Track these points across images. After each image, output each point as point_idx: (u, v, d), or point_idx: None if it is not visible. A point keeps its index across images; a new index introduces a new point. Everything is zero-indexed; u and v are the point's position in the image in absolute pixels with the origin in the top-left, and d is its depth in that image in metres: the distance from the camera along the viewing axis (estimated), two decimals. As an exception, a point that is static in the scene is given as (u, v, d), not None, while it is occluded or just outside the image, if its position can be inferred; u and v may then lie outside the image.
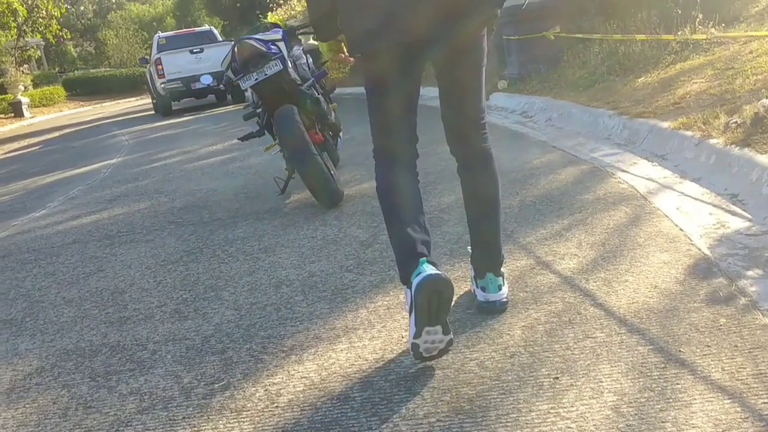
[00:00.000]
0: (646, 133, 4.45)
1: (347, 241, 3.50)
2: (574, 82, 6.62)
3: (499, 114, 6.96)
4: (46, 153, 11.92)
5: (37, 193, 6.98)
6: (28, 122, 24.80)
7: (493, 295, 2.38)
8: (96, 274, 3.66)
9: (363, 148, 6.10)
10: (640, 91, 5.46)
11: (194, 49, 15.48)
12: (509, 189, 4.00)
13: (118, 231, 4.58)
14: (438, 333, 1.99)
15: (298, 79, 4.57)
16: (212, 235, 4.05)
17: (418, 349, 1.99)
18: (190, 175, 6.41)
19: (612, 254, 2.74)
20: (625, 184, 3.71)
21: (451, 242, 3.21)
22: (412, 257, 2.09)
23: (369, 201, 4.26)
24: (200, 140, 9.38)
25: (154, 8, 42.95)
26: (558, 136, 5.29)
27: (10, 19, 25.27)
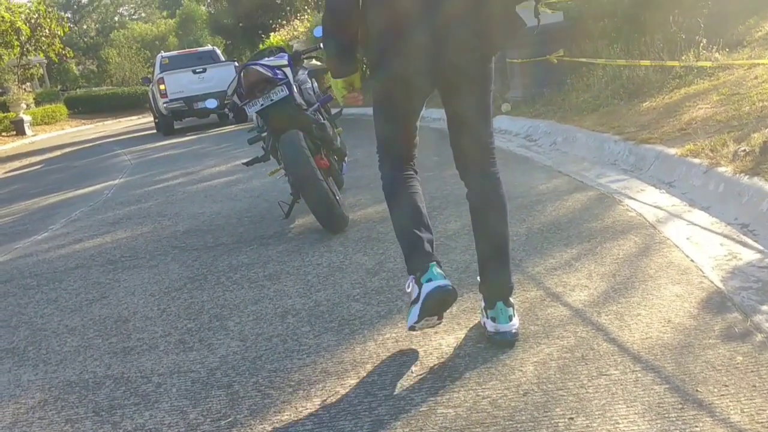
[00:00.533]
0: (652, 159, 4.43)
1: (353, 269, 3.47)
2: (578, 106, 6.61)
3: (503, 137, 6.95)
4: (48, 172, 11.92)
5: (39, 215, 6.95)
6: (29, 140, 24.85)
7: (503, 326, 2.36)
8: (99, 301, 3.62)
9: (367, 170, 6.10)
10: (645, 116, 5.45)
11: (197, 69, 15.54)
12: (516, 215, 3.97)
13: (121, 255, 4.55)
14: (434, 319, 2.35)
15: (304, 104, 4.56)
16: (216, 261, 4.02)
17: (414, 329, 2.34)
18: (193, 198, 6.39)
19: (623, 286, 2.70)
20: (633, 212, 3.68)
21: (459, 271, 3.18)
22: (419, 255, 2.36)
23: (374, 226, 4.23)
24: (203, 161, 9.37)
25: (157, 27, 43.20)
26: (563, 161, 5.27)
27: (13, 38, 25.39)
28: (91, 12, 46.77)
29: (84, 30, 45.33)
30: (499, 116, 7.76)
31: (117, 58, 39.28)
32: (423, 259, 2.33)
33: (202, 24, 35.45)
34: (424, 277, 2.29)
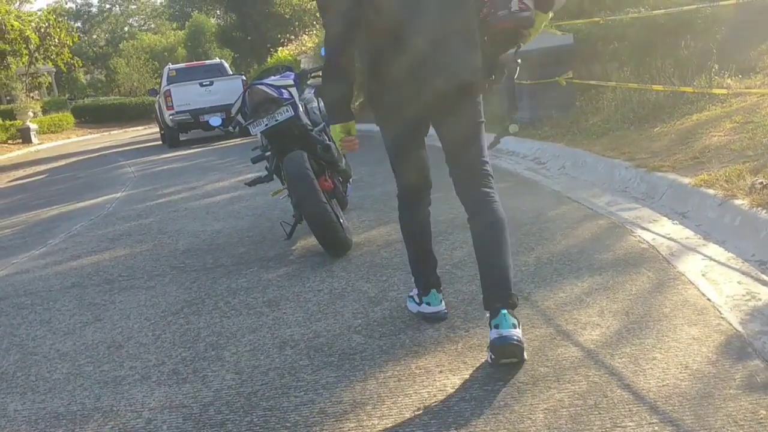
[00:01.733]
0: (665, 188, 4.32)
1: (355, 297, 3.35)
2: (588, 130, 6.51)
3: (510, 159, 6.85)
4: (51, 183, 11.86)
5: (38, 228, 6.86)
6: (35, 149, 24.86)
7: (506, 331, 2.37)
8: (93, 324, 3.52)
9: (372, 190, 6.00)
10: (657, 142, 5.35)
11: (204, 82, 15.50)
12: (524, 243, 3.86)
13: (119, 275, 4.45)
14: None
15: (309, 124, 4.48)
16: (215, 284, 3.91)
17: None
18: (195, 214, 6.29)
19: (637, 325, 2.58)
20: (646, 243, 3.56)
21: (465, 303, 3.07)
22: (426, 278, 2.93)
23: (378, 251, 4.12)
24: (206, 175, 9.29)
25: (166, 38, 43.36)
26: (572, 186, 5.16)
27: (22, 47, 25.46)
28: (101, 22, 47.02)
29: (93, 39, 45.55)
30: (507, 137, 7.66)
31: (125, 68, 39.40)
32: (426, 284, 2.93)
33: (210, 36, 35.57)
34: (425, 299, 2.92)
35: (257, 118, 4.09)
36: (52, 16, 29.22)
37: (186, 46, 39.24)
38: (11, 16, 24.72)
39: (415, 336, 2.76)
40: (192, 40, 38.11)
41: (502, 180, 5.89)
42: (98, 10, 47.66)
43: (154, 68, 38.48)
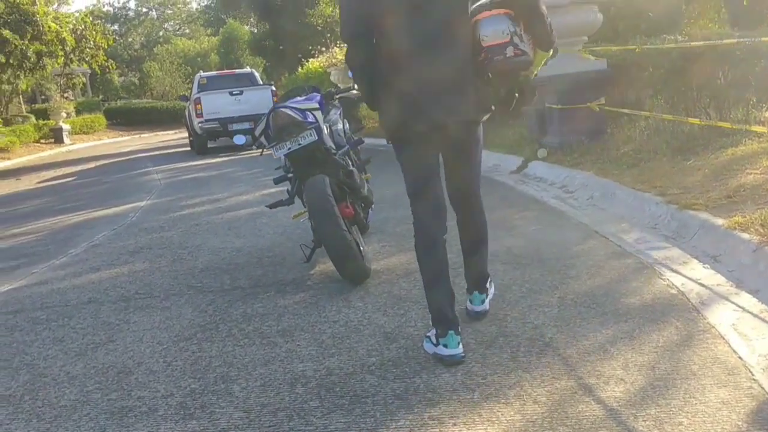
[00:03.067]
0: (696, 227, 4.18)
1: (371, 331, 3.27)
2: (618, 159, 6.37)
3: (538, 185, 6.72)
4: (79, 186, 11.96)
5: (62, 235, 6.88)
6: (66, 149, 25.22)
7: (476, 306, 3.30)
8: (105, 345, 3.47)
9: (394, 212, 5.91)
10: (690, 177, 5.19)
11: (234, 91, 15.58)
12: (548, 280, 3.75)
13: (136, 292, 4.41)
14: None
15: (333, 147, 4.41)
16: (230, 308, 3.85)
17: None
18: (217, 229, 6.26)
19: (663, 383, 2.46)
20: (675, 288, 3.43)
21: (484, 345, 2.97)
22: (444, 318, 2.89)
23: (397, 280, 4.03)
24: (231, 187, 9.28)
25: (200, 44, 43.77)
26: (600, 220, 5.03)
27: (58, 48, 25.84)
28: (137, 26, 47.69)
29: (129, 42, 46.18)
30: (535, 162, 7.55)
31: (158, 72, 39.83)
32: (444, 322, 2.89)
33: (243, 44, 35.83)
34: (442, 341, 2.85)
35: (280, 141, 4.03)
36: (88, 19, 29.64)
37: (219, 53, 39.55)
38: (49, 17, 25.09)
39: (430, 381, 2.67)
40: (225, 46, 38.42)
41: (528, 208, 5.79)
42: (135, 13, 48.39)
43: (187, 73, 38.83)
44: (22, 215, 9.00)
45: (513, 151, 8.46)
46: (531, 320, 3.21)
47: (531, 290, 3.64)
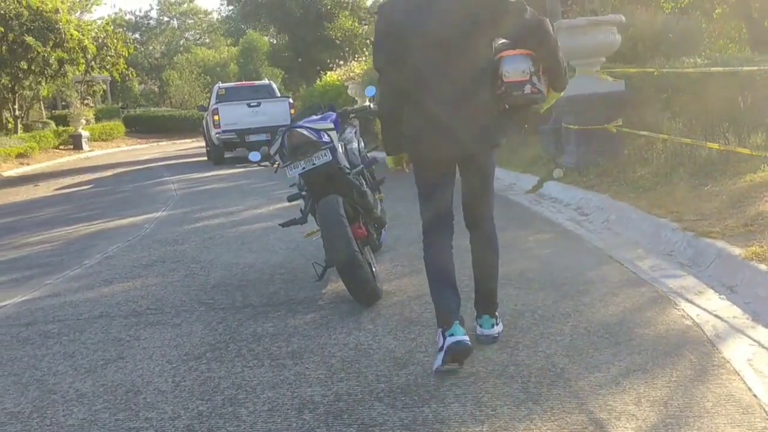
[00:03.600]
0: (713, 256, 4.13)
1: (381, 356, 3.25)
2: (635, 182, 6.32)
3: (553, 206, 6.68)
4: (96, 195, 12.04)
5: (76, 246, 6.92)
6: (85, 155, 25.46)
7: (486, 330, 3.31)
8: (115, 362, 3.47)
9: (407, 230, 5.88)
10: (707, 203, 5.14)
11: (251, 103, 15.68)
12: (561, 307, 3.72)
13: (147, 307, 4.41)
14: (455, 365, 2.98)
15: (348, 166, 4.41)
16: (241, 327, 3.85)
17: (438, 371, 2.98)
18: (230, 243, 6.27)
19: (675, 420, 2.42)
20: (690, 320, 3.38)
21: (494, 374, 2.94)
22: (449, 315, 3.06)
23: (409, 302, 4.01)
24: (246, 199, 9.32)
25: (219, 54, 44.11)
26: (615, 244, 4.98)
27: (80, 55, 26.15)
28: (158, 34, 48.12)
29: (149, 51, 46.57)
30: (550, 182, 7.52)
31: (178, 80, 40.15)
32: (450, 317, 3.05)
33: (262, 55, 36.07)
34: (448, 332, 3.00)
35: (295, 161, 4.04)
36: (110, 27, 29.98)
37: (238, 63, 39.84)
38: (71, 25, 25.41)
39: (438, 411, 2.64)
40: (244, 56, 38.69)
41: (543, 231, 5.76)
42: (156, 22, 48.85)
43: (206, 82, 39.13)
44: (38, 223, 9.07)
45: (528, 170, 8.44)
46: (543, 349, 3.18)
47: (543, 317, 3.60)
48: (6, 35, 23.45)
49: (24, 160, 22.07)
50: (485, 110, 3.09)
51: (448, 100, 3.04)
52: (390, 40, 3.08)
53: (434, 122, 3.07)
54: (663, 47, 9.70)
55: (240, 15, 34.55)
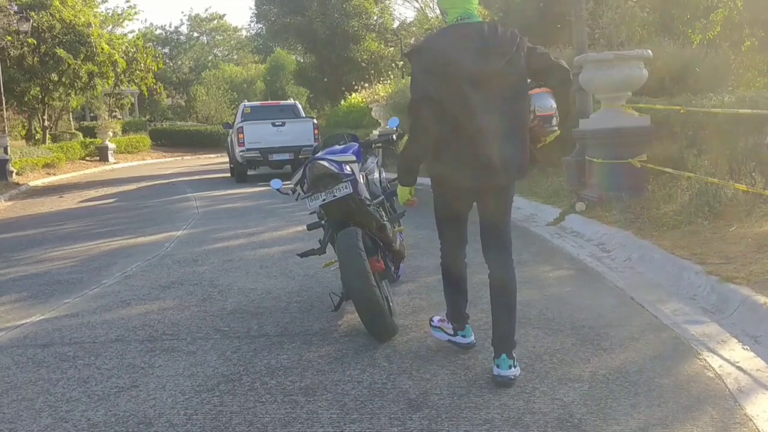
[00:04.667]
0: (737, 303, 4.04)
1: (394, 396, 3.21)
2: (658, 219, 6.24)
3: (574, 241, 6.61)
4: (118, 210, 12.14)
5: (97, 263, 6.97)
6: (110, 167, 25.79)
7: (503, 371, 3.29)
8: (129, 390, 3.46)
9: (427, 260, 5.85)
10: (732, 245, 5.05)
11: (276, 122, 15.78)
12: (580, 351, 3.65)
13: (163, 332, 4.41)
14: None
15: (368, 197, 4.39)
16: (255, 358, 3.83)
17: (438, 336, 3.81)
18: (248, 267, 6.27)
19: (695, 482, 2.35)
20: (712, 371, 3.31)
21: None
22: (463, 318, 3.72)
23: (425, 339, 3.97)
24: (267, 220, 9.34)
25: (247, 71, 44.60)
26: (637, 284, 4.91)
27: (110, 69, 26.58)
28: (187, 50, 48.78)
29: (178, 66, 47.20)
30: (572, 215, 7.45)
31: (204, 96, 40.62)
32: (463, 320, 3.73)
33: (289, 74, 36.39)
34: (461, 332, 3.73)
35: (315, 192, 4.03)
36: (141, 42, 30.49)
37: (265, 80, 40.23)
38: (103, 39, 25.88)
39: (451, 460, 2.59)
40: (271, 74, 39.07)
41: (563, 267, 5.69)
42: (186, 38, 49.52)
43: (232, 98, 39.55)
44: (61, 237, 9.16)
45: (550, 202, 8.37)
46: (560, 396, 3.12)
47: (562, 361, 3.54)
48: (38, 47, 23.94)
49: (51, 170, 22.39)
50: (520, 142, 3.31)
51: (486, 133, 3.22)
52: (430, 77, 3.22)
53: (472, 154, 3.24)
54: (690, 81, 9.65)
55: (269, 33, 34.95)
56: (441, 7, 3.44)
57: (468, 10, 3.34)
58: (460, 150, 3.25)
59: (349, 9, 26.76)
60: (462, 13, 3.32)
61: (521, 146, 3.31)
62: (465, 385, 3.30)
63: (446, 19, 3.41)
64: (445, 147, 3.28)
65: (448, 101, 3.21)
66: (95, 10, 28.10)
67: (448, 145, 3.27)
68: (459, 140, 3.24)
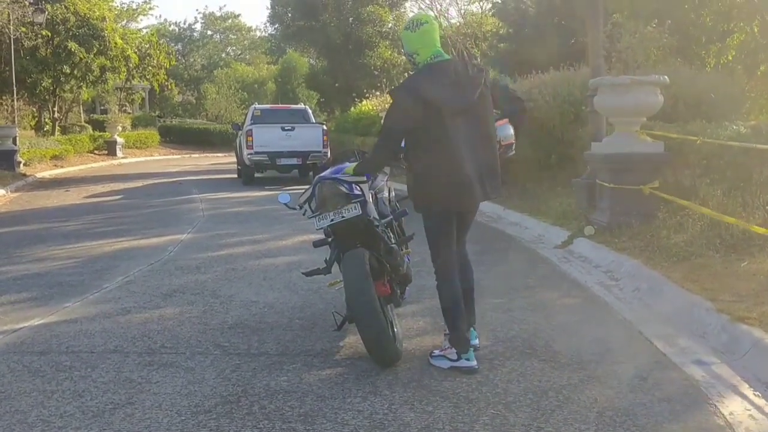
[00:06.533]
0: (748, 345, 3.95)
1: (395, 429, 3.13)
2: (668, 249, 6.13)
3: (582, 266, 6.52)
4: (123, 208, 12.09)
5: (99, 264, 6.91)
6: (118, 162, 25.82)
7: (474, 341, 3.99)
8: (124, 407, 3.39)
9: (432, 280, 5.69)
10: (744, 282, 4.96)
11: (285, 126, 15.74)
12: (587, 388, 3.57)
13: (162, 345, 4.34)
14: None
15: (377, 217, 4.31)
16: (254, 378, 3.75)
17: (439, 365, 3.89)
18: (252, 278, 6.20)
19: None
20: (722, 419, 3.22)
21: None
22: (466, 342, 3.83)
23: (428, 368, 3.88)
24: (272, 227, 9.27)
25: (258, 71, 44.60)
26: (646, 318, 4.82)
27: (122, 64, 26.60)
28: (200, 47, 48.82)
29: (190, 63, 47.25)
30: (581, 239, 7.36)
31: (215, 94, 40.63)
32: (467, 343, 3.84)
33: (300, 76, 36.37)
34: (464, 356, 3.78)
35: (324, 212, 3.96)
36: (154, 38, 30.51)
37: (276, 82, 40.22)
38: (116, 34, 25.89)
39: (452, 505, 2.51)
40: (283, 76, 39.04)
41: (570, 294, 5.60)
42: (200, 35, 49.56)
43: (243, 98, 39.53)
44: (65, 234, 9.12)
45: (559, 223, 8.29)
46: (565, 438, 3.03)
47: (568, 399, 3.46)
48: (52, 39, 23.96)
49: (58, 162, 22.42)
50: (494, 166, 3.84)
51: (471, 158, 3.67)
52: (418, 108, 3.62)
53: (463, 176, 3.67)
54: (704, 107, 9.54)
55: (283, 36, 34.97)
56: (410, 50, 3.79)
57: (437, 48, 3.74)
58: (451, 173, 3.66)
59: (364, 15, 26.75)
60: (434, 52, 3.71)
61: (497, 168, 3.85)
62: (468, 420, 3.21)
63: (416, 60, 3.76)
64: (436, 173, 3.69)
65: (435, 132, 3.62)
66: (110, 4, 28.15)
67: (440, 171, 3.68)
68: (449, 165, 3.65)
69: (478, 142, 3.71)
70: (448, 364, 3.81)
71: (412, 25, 3.77)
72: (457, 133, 3.63)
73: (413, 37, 3.74)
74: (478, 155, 3.71)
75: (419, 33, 3.71)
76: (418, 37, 3.72)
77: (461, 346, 3.79)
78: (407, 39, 3.78)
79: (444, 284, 3.90)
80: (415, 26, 3.74)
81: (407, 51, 3.83)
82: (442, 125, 3.61)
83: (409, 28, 3.78)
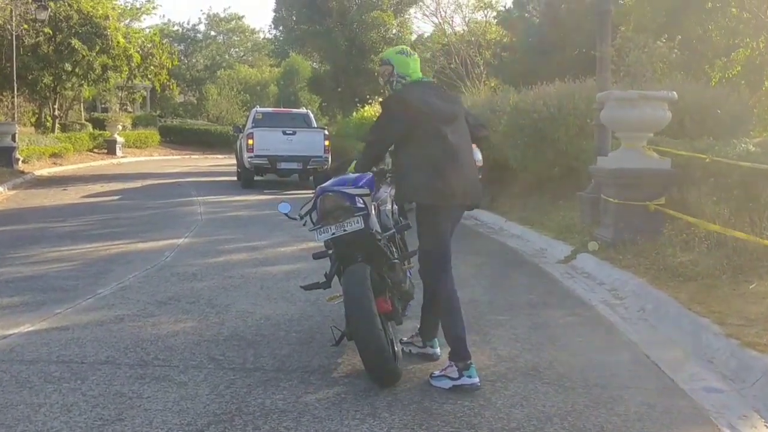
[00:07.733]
0: (759, 373, 3.84)
1: (395, 455, 3.01)
2: (674, 268, 6.02)
3: (586, 283, 6.41)
4: (121, 209, 11.95)
5: (94, 269, 6.78)
6: (117, 161, 25.69)
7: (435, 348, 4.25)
8: (113, 424, 3.27)
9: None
10: (753, 305, 4.85)
11: (287, 131, 15.63)
12: (593, 415, 3.45)
13: (155, 356, 4.22)
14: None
15: (379, 231, 4.20)
16: (249, 396, 3.63)
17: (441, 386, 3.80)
18: (249, 286, 6.08)
19: None
20: (734, 452, 3.11)
21: None
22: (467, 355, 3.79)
23: (428, 389, 3.77)
24: (271, 234, 9.15)
25: (261, 73, 44.48)
26: (652, 340, 4.70)
27: (124, 63, 26.47)
28: (203, 48, 48.70)
29: (193, 63, 47.11)
30: (584, 254, 7.25)
31: (216, 95, 40.50)
32: (468, 357, 3.79)
33: (303, 80, 36.24)
34: (466, 373, 3.74)
35: (325, 224, 3.85)
36: (157, 38, 30.39)
37: (278, 84, 40.10)
38: (119, 33, 25.77)
39: None
40: (285, 79, 38.93)
41: (574, 312, 5.48)
42: (203, 36, 49.43)
43: (244, 100, 39.41)
44: (60, 235, 8.99)
45: (562, 237, 8.18)
46: (571, 469, 2.91)
47: (574, 426, 3.34)
48: (54, 36, 23.83)
49: (57, 160, 22.26)
50: (476, 176, 4.16)
51: (461, 162, 3.96)
52: (409, 115, 3.92)
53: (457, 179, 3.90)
54: (710, 123, 9.44)
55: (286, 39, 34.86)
56: (403, 72, 4.11)
57: (421, 73, 4.21)
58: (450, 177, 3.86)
59: (368, 20, 26.64)
60: (420, 76, 4.18)
61: (477, 179, 4.15)
62: (470, 448, 3.10)
63: (405, 82, 4.11)
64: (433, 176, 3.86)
65: (429, 137, 3.89)
66: (114, 2, 28.00)
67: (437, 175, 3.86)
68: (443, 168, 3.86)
69: (462, 151, 3.99)
70: (450, 384, 3.74)
71: (406, 51, 4.26)
72: (445, 137, 3.91)
73: (409, 61, 4.16)
74: (463, 161, 3.97)
75: (413, 59, 4.18)
76: (412, 62, 4.16)
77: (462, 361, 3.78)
78: (402, 62, 4.14)
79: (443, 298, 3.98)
80: (409, 54, 4.23)
81: (400, 73, 4.12)
82: (435, 130, 3.91)
83: (403, 53, 4.22)
